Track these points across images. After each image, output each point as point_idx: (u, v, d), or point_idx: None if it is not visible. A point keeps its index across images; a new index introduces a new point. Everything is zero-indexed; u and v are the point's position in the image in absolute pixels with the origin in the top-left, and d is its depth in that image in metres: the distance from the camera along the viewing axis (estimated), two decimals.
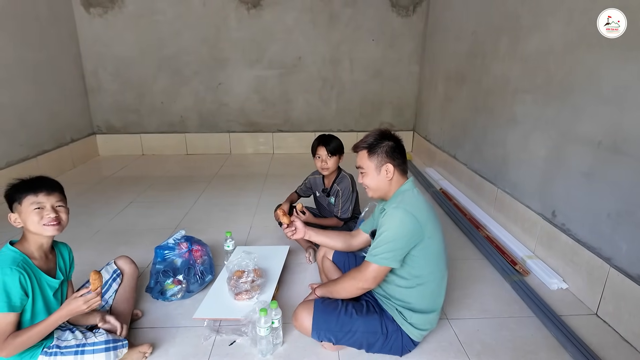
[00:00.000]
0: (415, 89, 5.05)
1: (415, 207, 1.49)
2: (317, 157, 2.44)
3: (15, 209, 1.43)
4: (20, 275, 1.34)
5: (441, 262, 1.59)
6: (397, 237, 1.45)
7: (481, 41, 3.26)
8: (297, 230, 1.88)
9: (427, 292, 1.58)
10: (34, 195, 1.41)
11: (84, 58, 4.67)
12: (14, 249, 1.42)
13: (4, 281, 1.30)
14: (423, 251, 1.50)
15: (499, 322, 1.93)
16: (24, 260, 1.40)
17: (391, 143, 1.58)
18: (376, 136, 1.59)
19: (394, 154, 1.56)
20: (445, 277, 1.63)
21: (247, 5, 4.61)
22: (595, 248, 2.01)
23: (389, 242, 1.45)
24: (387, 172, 1.56)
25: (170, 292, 2.02)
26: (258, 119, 5.08)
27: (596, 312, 1.98)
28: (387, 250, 1.45)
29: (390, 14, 4.73)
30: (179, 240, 2.13)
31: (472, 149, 3.46)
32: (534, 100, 2.52)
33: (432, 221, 1.53)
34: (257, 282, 1.92)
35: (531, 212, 2.53)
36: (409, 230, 1.45)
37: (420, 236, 1.47)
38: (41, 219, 1.41)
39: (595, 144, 2.00)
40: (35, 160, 3.85)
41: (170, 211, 3.26)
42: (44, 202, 1.42)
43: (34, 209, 1.40)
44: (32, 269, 1.42)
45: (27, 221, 1.41)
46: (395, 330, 1.57)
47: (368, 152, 1.58)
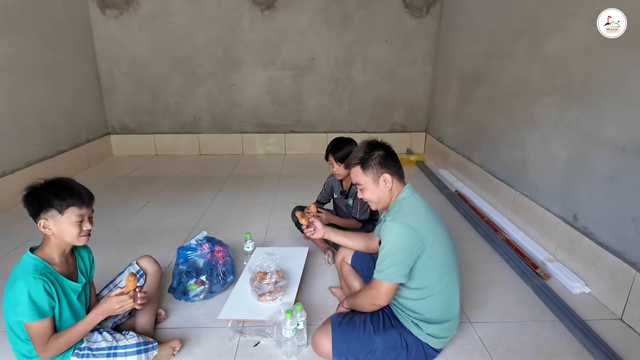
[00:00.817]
0: (428, 90, 5.04)
1: (412, 217, 1.46)
2: (329, 163, 2.46)
3: (50, 217, 1.35)
4: (43, 282, 1.31)
5: (450, 270, 1.54)
6: (396, 250, 1.43)
7: (498, 42, 3.24)
8: (316, 230, 1.89)
9: (439, 303, 1.54)
10: (79, 208, 1.37)
11: (99, 58, 4.72)
12: (35, 256, 1.38)
13: (29, 291, 1.28)
14: (427, 261, 1.46)
15: (522, 325, 1.92)
16: (46, 267, 1.37)
17: (382, 152, 1.55)
18: (365, 149, 1.57)
19: (387, 162, 1.54)
20: (457, 284, 1.58)
21: (261, 6, 4.63)
22: (620, 252, 1.99)
23: (390, 256, 1.43)
24: (385, 182, 1.54)
25: (193, 292, 2.04)
26: (270, 119, 5.10)
27: (621, 317, 1.97)
28: (389, 265, 1.43)
29: (403, 15, 4.72)
30: (201, 241, 2.14)
31: (488, 150, 3.44)
32: (555, 102, 2.50)
33: (434, 229, 1.49)
34: (280, 283, 1.93)
35: (551, 215, 2.52)
36: (407, 242, 1.42)
37: (420, 247, 1.44)
38: (80, 231, 1.39)
39: (620, 147, 1.98)
40: (52, 160, 3.90)
41: (187, 211, 3.29)
42: (85, 215, 1.40)
43: (75, 222, 1.37)
44: (55, 275, 1.39)
45: (65, 232, 1.37)
46: (414, 341, 1.55)
47: (361, 167, 1.56)
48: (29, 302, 1.28)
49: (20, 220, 3.09)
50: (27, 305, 1.28)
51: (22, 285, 1.29)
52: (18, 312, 1.29)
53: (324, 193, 2.71)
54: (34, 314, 1.29)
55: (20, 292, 1.28)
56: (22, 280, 1.29)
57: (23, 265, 1.36)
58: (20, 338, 1.38)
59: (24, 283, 1.29)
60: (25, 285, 1.28)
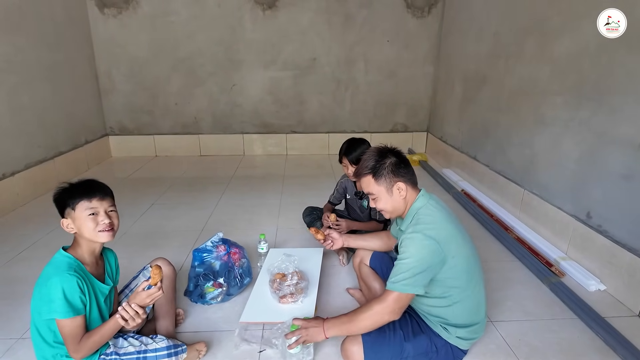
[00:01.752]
0: (429, 89, 5.06)
1: (433, 228, 1.41)
2: (343, 165, 2.43)
3: (67, 215, 1.40)
4: (77, 279, 1.33)
5: (474, 274, 1.51)
6: (417, 263, 1.37)
7: (504, 42, 3.26)
8: (334, 242, 1.88)
9: (467, 308, 1.52)
10: (88, 201, 1.39)
11: (98, 59, 4.64)
12: (68, 254, 1.40)
13: (63, 288, 1.29)
14: (450, 271, 1.43)
15: (542, 324, 1.93)
16: (79, 266, 1.39)
17: (393, 159, 1.50)
18: (376, 157, 1.51)
19: (399, 169, 1.49)
20: (482, 286, 1.57)
21: (263, 6, 4.60)
22: (637, 249, 2.01)
23: (410, 269, 1.37)
24: (399, 190, 1.49)
25: (210, 295, 2.00)
26: (272, 120, 5.06)
27: (638, 313, 1.98)
28: (408, 277, 1.36)
29: (405, 15, 4.73)
30: (217, 242, 2.11)
31: (494, 150, 3.46)
32: (565, 101, 2.52)
33: (455, 236, 1.45)
34: (301, 284, 1.90)
35: (563, 214, 2.53)
36: (429, 255, 1.37)
37: (442, 259, 1.39)
38: (96, 225, 1.39)
39: (636, 145, 2.00)
40: (52, 162, 3.81)
41: (193, 213, 3.24)
42: (97, 208, 1.40)
43: (88, 215, 1.38)
44: (87, 275, 1.40)
45: (82, 228, 1.39)
46: (443, 344, 1.53)
47: (373, 176, 1.50)
48: (63, 299, 1.27)
49: (23, 224, 3.03)
50: (61, 302, 1.27)
51: (57, 282, 1.28)
52: (51, 310, 1.28)
53: (336, 194, 2.69)
54: (69, 310, 1.28)
55: (55, 289, 1.27)
56: (57, 277, 1.29)
57: (56, 263, 1.35)
58: (46, 341, 1.35)
59: (58, 280, 1.28)
60: (60, 281, 1.28)
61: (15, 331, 1.86)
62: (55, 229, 2.92)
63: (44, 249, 2.65)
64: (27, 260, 2.51)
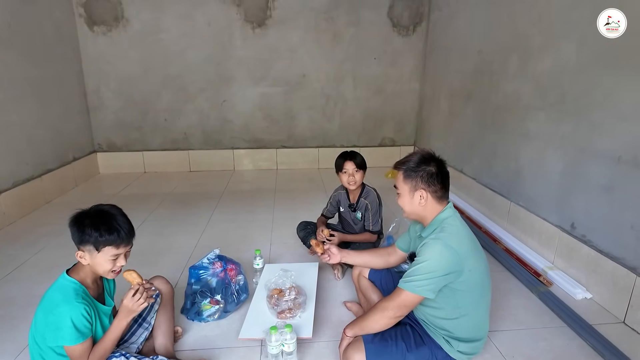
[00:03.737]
0: (416, 105, 5.19)
1: (456, 239, 1.44)
2: (344, 172, 2.47)
3: (86, 250, 1.36)
4: (85, 306, 1.34)
5: (484, 294, 1.56)
6: (434, 269, 1.41)
7: (488, 60, 3.40)
8: (331, 256, 1.89)
9: (473, 322, 1.56)
10: (116, 248, 1.38)
11: (87, 76, 4.63)
12: (72, 279, 1.39)
13: (72, 318, 1.29)
14: (464, 284, 1.46)
15: (534, 333, 1.98)
16: (84, 291, 1.39)
17: (431, 169, 1.51)
18: (417, 161, 1.53)
19: (431, 179, 1.50)
20: (488, 306, 1.61)
21: (253, 24, 4.68)
22: (619, 258, 2.10)
23: (426, 273, 1.41)
24: (420, 197, 1.52)
25: (207, 312, 2.00)
26: (262, 135, 5.11)
27: (624, 320, 2.06)
28: (422, 280, 1.41)
29: (391, 33, 4.88)
30: (213, 259, 2.11)
31: (481, 163, 3.57)
32: (548, 117, 2.64)
33: (474, 253, 1.49)
34: (299, 299, 1.92)
35: (548, 225, 2.62)
36: (448, 264, 1.41)
37: (459, 270, 1.43)
38: (113, 266, 1.40)
39: (615, 158, 2.11)
40: (40, 180, 3.76)
41: (185, 229, 3.23)
42: (121, 253, 1.41)
43: (111, 260, 1.38)
44: (91, 299, 1.41)
45: (98, 266, 1.39)
46: (444, 357, 1.55)
47: (404, 174, 1.54)
48: (72, 327, 1.28)
49: (10, 244, 2.97)
50: (69, 330, 1.27)
51: (66, 311, 1.28)
52: (59, 337, 1.28)
53: (329, 207, 2.73)
54: (78, 337, 1.29)
55: (64, 318, 1.27)
56: (65, 306, 1.29)
57: (62, 289, 1.35)
58: None
59: (67, 309, 1.28)
60: (69, 311, 1.28)
61: (8, 354, 1.82)
62: (44, 249, 2.88)
63: (33, 269, 2.60)
64: (16, 281, 2.46)
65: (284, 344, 1.64)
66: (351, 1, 4.70)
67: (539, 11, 2.71)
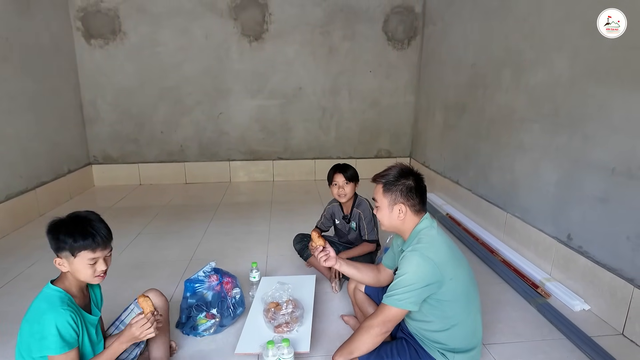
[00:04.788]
0: (411, 117, 5.24)
1: (432, 249, 1.45)
2: (334, 185, 2.48)
3: (64, 257, 1.36)
4: (70, 314, 1.32)
5: (471, 300, 1.55)
6: (414, 281, 1.41)
7: (482, 73, 3.45)
8: (329, 258, 1.84)
9: (464, 332, 1.54)
10: (92, 252, 1.36)
11: (83, 88, 4.64)
12: (57, 288, 1.38)
13: (57, 325, 1.27)
14: (448, 294, 1.46)
15: (533, 345, 1.97)
16: (70, 299, 1.38)
17: (410, 183, 1.53)
18: (396, 175, 1.55)
19: (410, 194, 1.52)
20: (479, 312, 1.60)
21: (249, 38, 4.73)
22: (617, 269, 2.10)
23: (406, 285, 1.42)
24: (399, 211, 1.53)
25: (203, 327, 1.97)
26: (258, 147, 5.12)
27: (622, 332, 2.05)
28: (403, 293, 1.42)
29: (386, 47, 4.95)
30: (209, 272, 2.09)
31: (476, 175, 3.59)
32: (542, 129, 2.67)
33: (453, 261, 1.49)
34: (297, 313, 1.90)
35: (545, 236, 2.63)
36: (427, 275, 1.41)
37: (439, 280, 1.43)
38: (94, 272, 1.38)
39: (610, 170, 2.13)
40: (33, 193, 3.73)
41: (181, 242, 3.20)
42: (99, 257, 1.39)
43: (88, 264, 1.36)
44: (77, 308, 1.40)
45: (78, 272, 1.37)
46: None
47: (383, 187, 1.55)
48: (57, 335, 1.26)
49: (3, 257, 2.94)
50: (54, 338, 1.25)
51: (51, 318, 1.26)
52: (44, 347, 1.25)
53: (323, 220, 2.72)
54: (63, 346, 1.27)
55: (49, 326, 1.26)
56: (51, 313, 1.27)
57: (48, 298, 1.33)
58: None
59: (52, 317, 1.27)
60: (54, 318, 1.27)
61: None
62: (37, 262, 2.84)
63: (26, 283, 2.56)
64: (8, 295, 2.41)
65: (281, 359, 1.62)
66: (346, 16, 4.78)
67: (531, 25, 2.76)
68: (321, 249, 1.82)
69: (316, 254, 1.79)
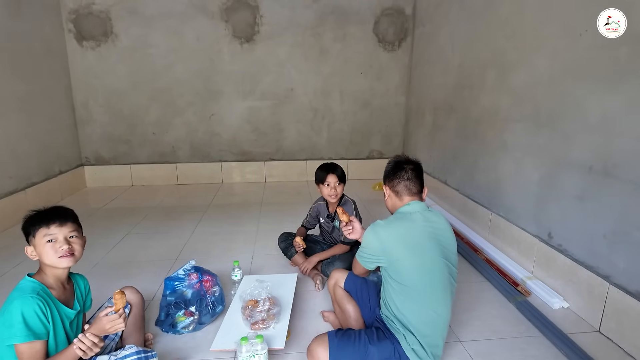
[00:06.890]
0: (402, 118, 5.26)
1: (387, 229, 1.60)
2: (326, 185, 2.49)
3: (30, 242, 1.43)
4: (39, 302, 1.33)
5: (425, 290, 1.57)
6: (364, 247, 1.67)
7: (468, 74, 3.47)
8: (354, 231, 1.84)
9: (417, 310, 1.57)
10: (46, 228, 1.40)
11: (75, 90, 4.67)
12: (33, 279, 1.42)
13: (23, 311, 1.29)
14: (404, 269, 1.57)
15: (510, 342, 1.98)
16: (43, 289, 1.40)
17: (389, 169, 1.77)
18: (389, 163, 1.81)
19: (390, 176, 1.74)
20: (442, 306, 1.59)
21: (241, 39, 4.76)
22: (594, 267, 2.11)
23: (362, 247, 1.69)
24: (386, 193, 1.77)
25: (182, 324, 1.98)
26: (250, 148, 5.14)
27: (599, 329, 2.06)
28: (360, 252, 1.71)
29: (377, 48, 4.98)
30: (189, 270, 2.11)
31: (463, 175, 3.60)
32: (524, 128, 2.69)
33: (405, 247, 1.56)
34: (273, 310, 1.91)
35: (527, 235, 2.64)
36: (371, 247, 1.63)
37: (382, 255, 1.59)
38: (55, 251, 1.40)
39: (587, 168, 2.15)
40: (23, 193, 3.74)
41: (168, 242, 3.22)
42: (56, 234, 1.42)
43: (46, 242, 1.40)
44: (51, 298, 1.41)
45: (42, 254, 1.41)
46: (404, 353, 1.57)
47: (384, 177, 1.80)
48: (22, 323, 1.27)
49: None
50: (20, 325, 1.26)
51: (17, 305, 1.28)
52: (11, 335, 1.26)
53: (309, 218, 2.74)
54: (29, 334, 1.27)
55: (15, 313, 1.27)
56: (18, 300, 1.29)
57: (20, 288, 1.36)
58: None
59: (19, 303, 1.29)
60: (20, 305, 1.28)
61: None
62: (23, 261, 2.85)
63: (11, 282, 2.53)
64: None
65: (255, 355, 1.63)
66: (337, 17, 4.81)
67: (513, 27, 2.79)
68: (345, 224, 1.86)
69: (342, 227, 1.88)
